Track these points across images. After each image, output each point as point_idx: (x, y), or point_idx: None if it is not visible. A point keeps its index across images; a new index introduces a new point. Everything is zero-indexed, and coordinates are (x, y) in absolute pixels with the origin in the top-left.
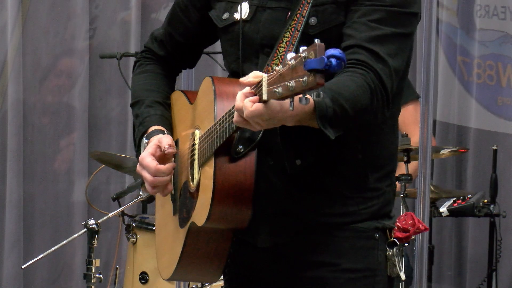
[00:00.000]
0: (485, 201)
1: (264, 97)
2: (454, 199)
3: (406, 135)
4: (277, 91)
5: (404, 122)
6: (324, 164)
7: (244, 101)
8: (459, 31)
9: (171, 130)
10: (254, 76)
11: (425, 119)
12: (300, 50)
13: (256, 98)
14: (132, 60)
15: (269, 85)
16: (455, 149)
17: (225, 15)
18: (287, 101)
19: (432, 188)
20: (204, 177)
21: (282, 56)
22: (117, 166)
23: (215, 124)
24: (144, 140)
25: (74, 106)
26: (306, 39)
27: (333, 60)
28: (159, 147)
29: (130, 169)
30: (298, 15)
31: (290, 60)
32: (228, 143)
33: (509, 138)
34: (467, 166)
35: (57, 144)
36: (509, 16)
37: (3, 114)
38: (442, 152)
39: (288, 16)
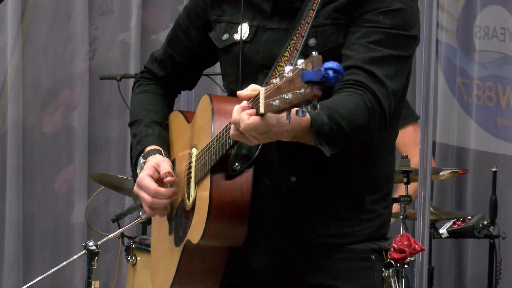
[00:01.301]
0: (485, 222)
1: (261, 110)
2: (454, 220)
3: (406, 157)
4: (274, 103)
5: (403, 143)
6: (321, 184)
7: (241, 114)
8: (459, 52)
9: (168, 150)
10: (251, 89)
11: (425, 141)
12: (298, 63)
13: (253, 111)
14: (132, 81)
15: (266, 98)
16: (455, 170)
17: (225, 36)
18: (284, 115)
19: (431, 209)
20: (200, 195)
21: (285, 62)
22: (117, 188)
23: (212, 141)
24: (141, 160)
25: (74, 126)
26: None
27: (330, 72)
28: (156, 170)
29: (130, 190)
30: (297, 35)
31: (287, 73)
32: (225, 160)
33: (508, 159)
34: (466, 188)
35: (57, 164)
36: (508, 38)
37: (2, 134)
38: (441, 173)
39: (287, 35)
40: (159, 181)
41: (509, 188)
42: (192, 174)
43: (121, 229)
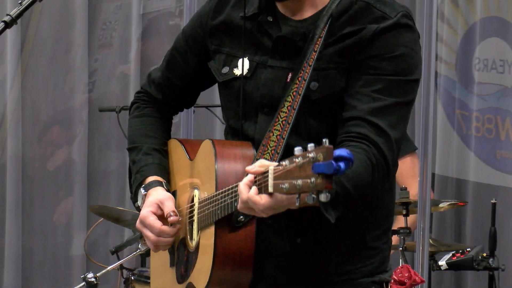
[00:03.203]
0: (484, 254)
1: (270, 190)
2: (453, 252)
3: (405, 188)
4: (284, 186)
5: (402, 175)
6: (326, 240)
7: (252, 197)
8: (458, 84)
9: (168, 179)
10: (260, 165)
11: (424, 172)
12: (308, 148)
13: (257, 190)
14: None
15: (275, 178)
16: (454, 202)
17: (225, 69)
18: (294, 196)
19: (431, 241)
20: (203, 241)
21: (284, 122)
22: (116, 219)
23: (217, 194)
24: (142, 191)
25: (73, 159)
26: (307, 104)
27: (342, 164)
28: (159, 207)
29: (129, 222)
30: (299, 79)
31: (297, 158)
32: (229, 213)
33: (508, 191)
34: (466, 220)
35: (56, 197)
36: (507, 70)
37: (2, 166)
38: (441, 205)
39: (289, 78)
40: (162, 217)
41: (508, 220)
42: (195, 218)
43: (120, 261)
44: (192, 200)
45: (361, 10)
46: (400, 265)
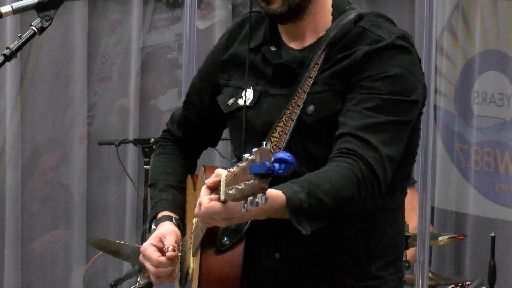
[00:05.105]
0: None
1: (222, 197)
2: (453, 286)
3: (404, 222)
4: (231, 192)
5: None
6: (323, 251)
7: (203, 197)
8: (457, 118)
9: (183, 214)
10: (216, 174)
11: (423, 206)
12: (251, 152)
13: (216, 196)
14: (130, 147)
15: (226, 185)
16: (453, 235)
17: (231, 101)
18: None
19: (430, 275)
20: (194, 268)
21: (274, 146)
22: (115, 253)
23: None
24: (153, 226)
25: (72, 192)
26: (302, 127)
27: (276, 165)
28: (161, 240)
29: (128, 256)
30: (293, 104)
31: (242, 163)
32: (213, 235)
33: (507, 225)
34: (465, 253)
35: (55, 230)
36: (506, 103)
37: (1, 200)
38: (440, 238)
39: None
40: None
41: (508, 254)
42: (191, 245)
43: None
44: (192, 229)
45: (357, 35)
46: None
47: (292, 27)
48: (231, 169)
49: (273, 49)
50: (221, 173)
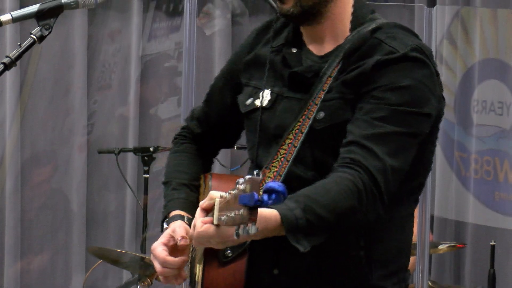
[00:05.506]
0: None
1: (215, 222)
2: None
3: (412, 233)
4: (223, 219)
5: None
6: (323, 261)
7: (197, 219)
8: (456, 126)
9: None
10: (209, 197)
11: (423, 215)
12: (242, 181)
13: (210, 219)
14: (130, 155)
15: (220, 209)
16: (453, 244)
17: (249, 101)
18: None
19: (430, 283)
20: (199, 276)
21: (282, 158)
22: (115, 262)
23: None
24: (165, 226)
25: (72, 200)
26: (312, 133)
27: (265, 196)
28: (172, 237)
29: (128, 264)
30: (304, 117)
31: (234, 190)
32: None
33: (507, 233)
34: (465, 262)
35: (55, 238)
36: (505, 112)
37: (0, 207)
38: (440, 247)
39: (299, 110)
40: (175, 248)
41: (507, 262)
42: (197, 251)
43: None
44: None
45: (372, 46)
46: None
47: (311, 30)
48: (224, 195)
49: (294, 50)
50: (215, 197)
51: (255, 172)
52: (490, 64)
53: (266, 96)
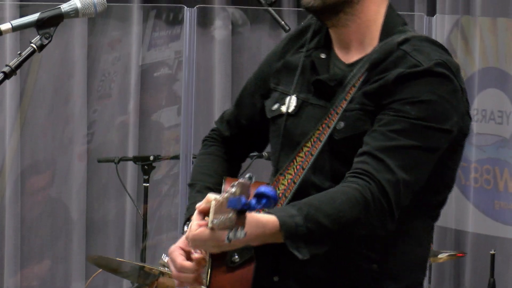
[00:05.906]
0: None
1: (209, 225)
2: None
3: (430, 248)
4: (215, 222)
5: None
6: (329, 271)
7: (193, 221)
8: None
9: None
10: (206, 201)
11: None
12: (233, 184)
13: (205, 222)
14: (130, 164)
15: (215, 212)
16: (453, 253)
17: (275, 106)
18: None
19: None
20: (207, 281)
21: (298, 166)
22: (115, 271)
23: None
24: (185, 228)
25: (71, 209)
26: (331, 142)
27: (253, 200)
28: None
29: (128, 273)
30: (323, 125)
31: (226, 192)
32: (223, 252)
33: (506, 242)
34: (465, 270)
35: (54, 247)
36: (505, 121)
37: (0, 216)
38: (439, 256)
39: (322, 115)
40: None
41: (507, 271)
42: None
43: None
44: None
45: (398, 58)
46: None
47: (337, 33)
48: (218, 197)
49: (323, 56)
50: (212, 199)
51: (246, 176)
52: (490, 73)
53: (292, 102)
